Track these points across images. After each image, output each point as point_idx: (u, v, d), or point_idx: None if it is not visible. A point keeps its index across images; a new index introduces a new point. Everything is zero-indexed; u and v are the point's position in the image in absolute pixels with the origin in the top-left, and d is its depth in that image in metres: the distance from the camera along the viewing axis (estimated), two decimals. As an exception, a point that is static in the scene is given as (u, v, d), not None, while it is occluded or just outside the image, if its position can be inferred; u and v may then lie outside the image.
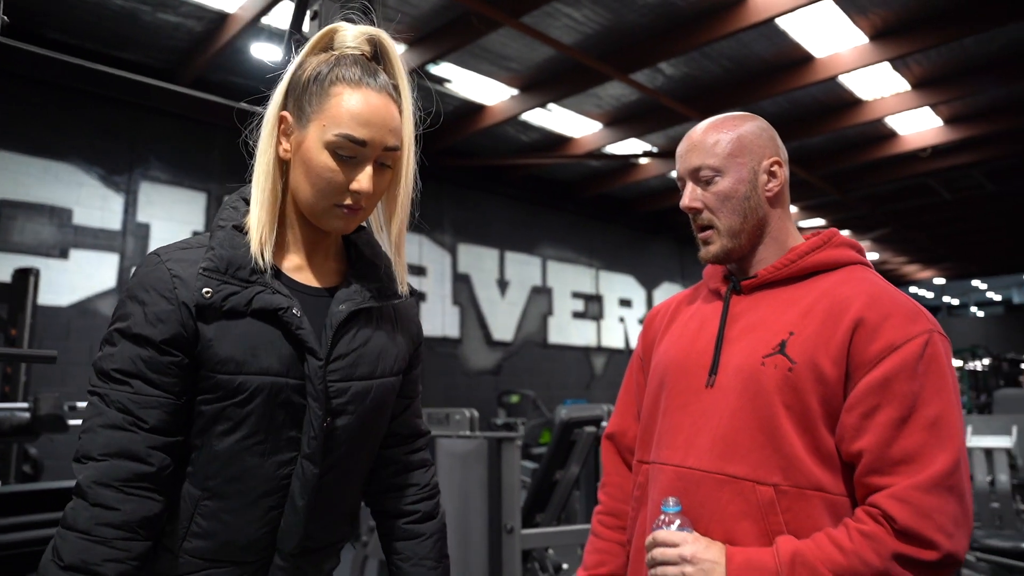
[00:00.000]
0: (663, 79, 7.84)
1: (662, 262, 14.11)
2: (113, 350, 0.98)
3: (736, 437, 1.13)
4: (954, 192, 12.16)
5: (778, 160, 1.25)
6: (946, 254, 17.63)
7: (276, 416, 1.02)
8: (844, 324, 1.10)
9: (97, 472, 0.93)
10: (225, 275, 1.00)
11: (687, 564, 1.06)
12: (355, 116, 1.01)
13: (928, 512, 1.00)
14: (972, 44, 7.20)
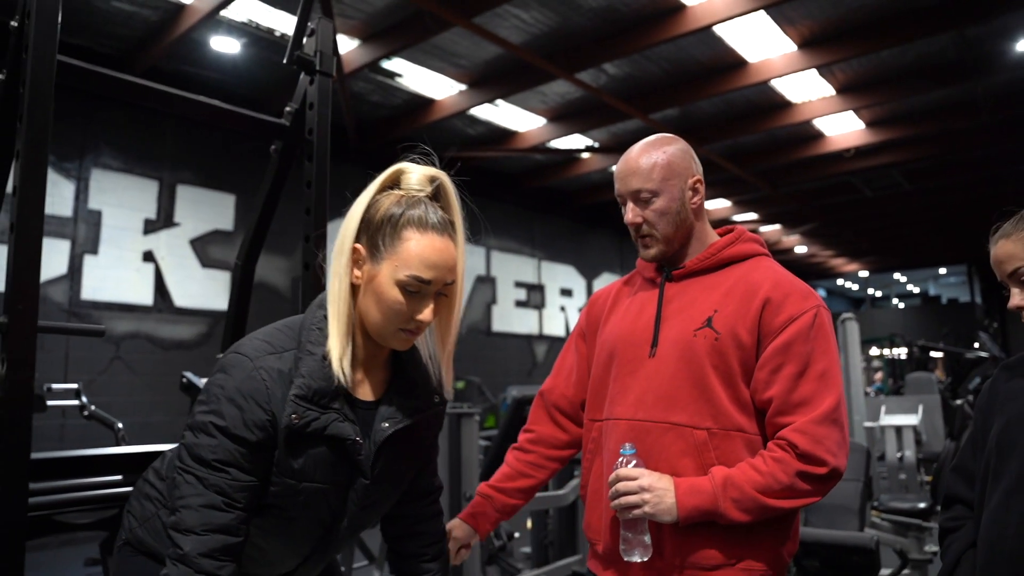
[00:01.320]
0: (606, 78, 8.19)
1: (602, 253, 14.44)
2: (213, 442, 1.12)
3: (676, 393, 1.44)
4: (875, 190, 12.87)
5: (699, 179, 1.56)
6: (869, 248, 18.51)
7: (319, 511, 1.23)
8: (756, 302, 1.44)
9: (200, 545, 1.09)
10: (311, 402, 1.15)
11: (645, 492, 1.36)
12: (423, 260, 1.16)
13: (820, 439, 1.34)
14: (888, 56, 7.78)
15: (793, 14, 6.77)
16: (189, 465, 1.13)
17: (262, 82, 7.63)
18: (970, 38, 7.36)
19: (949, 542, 1.42)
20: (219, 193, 7.82)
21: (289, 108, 2.02)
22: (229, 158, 7.90)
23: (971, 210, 15.02)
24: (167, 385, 7.10)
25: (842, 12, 6.79)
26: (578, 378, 1.72)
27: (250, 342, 1.20)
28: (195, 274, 7.52)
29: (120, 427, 3.38)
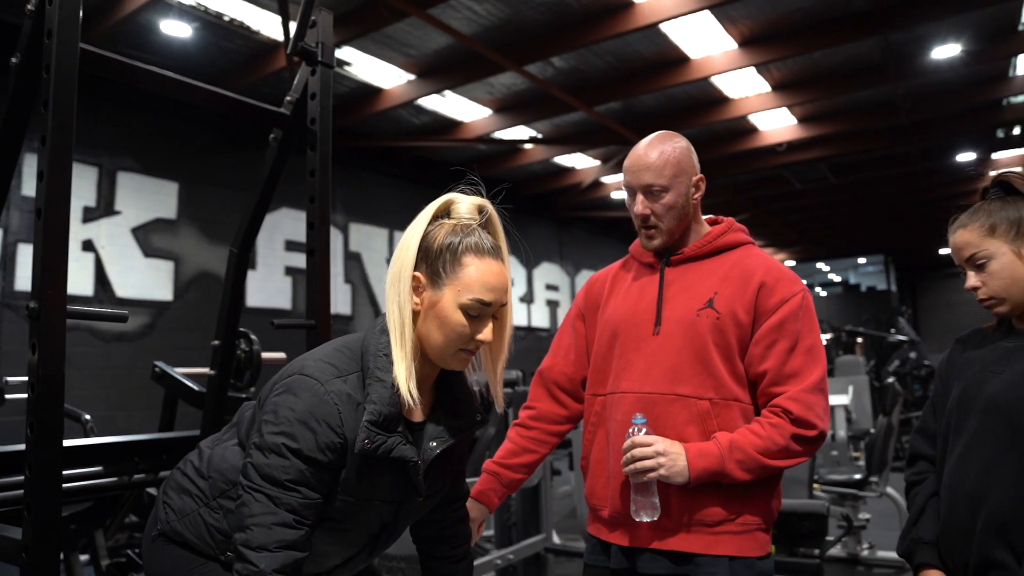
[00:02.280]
0: (553, 71, 8.32)
1: (542, 243, 14.56)
2: (285, 463, 1.17)
3: (681, 368, 1.59)
4: (804, 183, 13.42)
5: (701, 177, 1.71)
6: (796, 239, 19.25)
7: (369, 522, 1.31)
8: (752, 286, 1.60)
9: (273, 561, 1.15)
10: (380, 427, 1.21)
11: (660, 456, 1.50)
12: (484, 284, 1.25)
13: (811, 405, 1.52)
14: (821, 56, 8.16)
15: (735, 14, 7.04)
16: (259, 484, 1.18)
17: (213, 69, 7.47)
18: (893, 43, 7.79)
19: (915, 493, 1.61)
20: (162, 181, 7.62)
21: (289, 97, 2.08)
22: (173, 145, 7.70)
23: (889, 204, 15.86)
24: (109, 379, 6.92)
25: (780, 13, 7.10)
26: (576, 356, 1.83)
27: (315, 364, 1.25)
28: (137, 264, 7.32)
29: (88, 419, 3.34)
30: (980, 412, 1.44)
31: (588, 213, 14.84)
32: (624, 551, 1.63)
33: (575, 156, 11.65)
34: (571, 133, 10.45)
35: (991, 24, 7.62)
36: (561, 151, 10.94)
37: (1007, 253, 1.45)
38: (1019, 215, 1.46)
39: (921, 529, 1.53)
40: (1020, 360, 1.43)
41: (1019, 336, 1.48)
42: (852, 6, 7.02)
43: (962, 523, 1.43)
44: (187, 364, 3.70)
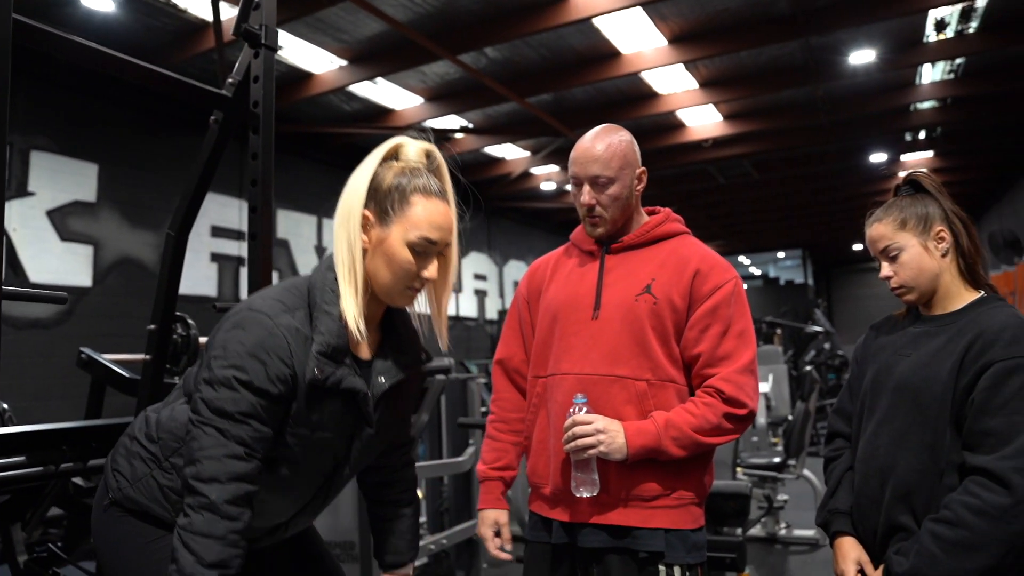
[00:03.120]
0: (487, 61, 8.35)
1: (471, 233, 14.56)
2: (235, 395, 1.19)
3: (620, 350, 1.66)
4: (728, 179, 13.84)
5: (644, 170, 1.79)
6: (719, 232, 19.80)
7: (326, 457, 1.35)
8: (687, 272, 1.69)
9: (226, 493, 1.17)
10: (330, 359, 1.25)
11: (600, 433, 1.57)
12: (431, 222, 1.30)
13: (741, 386, 1.62)
14: (746, 56, 8.45)
15: (666, 11, 7.21)
16: (209, 418, 1.20)
17: (138, 46, 7.16)
18: (814, 46, 8.13)
19: (832, 468, 1.73)
20: (80, 162, 7.28)
21: (231, 80, 2.05)
22: (92, 125, 7.36)
23: (807, 200, 16.52)
24: (22, 368, 6.60)
25: (709, 13, 7.32)
26: (528, 343, 1.89)
27: (263, 301, 1.28)
28: (53, 248, 6.99)
29: (6, 407, 3.20)
30: (890, 392, 1.56)
31: (517, 204, 14.93)
32: (565, 526, 1.69)
33: (506, 147, 11.71)
34: (502, 123, 10.50)
35: (901, 34, 8.05)
36: (492, 141, 10.98)
37: (916, 246, 1.58)
38: (927, 211, 1.59)
39: (837, 501, 1.65)
40: (926, 344, 1.56)
41: (925, 322, 1.61)
42: (776, 9, 7.30)
43: (873, 493, 1.55)
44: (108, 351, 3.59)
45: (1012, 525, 1.33)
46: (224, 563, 1.16)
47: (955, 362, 1.47)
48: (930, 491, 1.46)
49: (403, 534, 1.61)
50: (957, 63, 9.07)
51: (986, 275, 1.61)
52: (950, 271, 1.58)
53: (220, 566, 1.16)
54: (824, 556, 4.68)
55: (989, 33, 7.92)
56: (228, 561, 1.17)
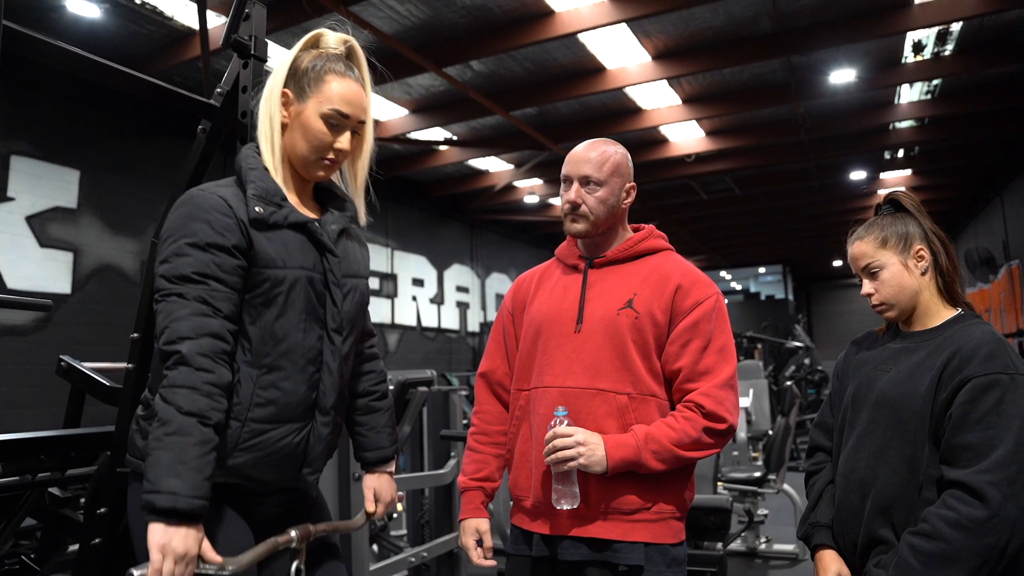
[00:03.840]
0: (472, 74, 8.39)
1: (453, 245, 14.50)
2: (189, 259, 1.27)
3: (601, 364, 1.67)
4: (710, 194, 13.94)
5: (633, 185, 1.82)
6: (700, 247, 19.92)
7: (310, 301, 1.40)
8: (669, 288, 1.70)
9: (195, 346, 1.23)
10: (266, 200, 1.37)
11: (580, 446, 1.57)
12: (342, 97, 1.43)
13: (721, 401, 1.63)
14: (728, 74, 8.56)
15: (650, 28, 7.30)
16: (169, 287, 1.27)
17: (123, 53, 7.12)
18: (795, 65, 8.26)
19: (813, 482, 1.75)
20: (61, 168, 7.19)
21: (220, 89, 2.05)
22: (74, 131, 7.28)
23: (788, 216, 16.69)
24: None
25: (692, 30, 7.41)
26: (512, 356, 1.89)
27: (193, 189, 1.40)
28: (32, 254, 6.89)
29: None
30: (871, 406, 1.59)
31: (500, 216, 14.96)
32: (545, 539, 1.70)
33: (489, 159, 11.74)
34: (486, 136, 10.54)
35: (880, 54, 8.20)
36: (476, 154, 11.01)
37: (896, 263, 1.61)
38: (907, 230, 1.62)
39: (818, 514, 1.67)
40: (905, 360, 1.59)
41: (905, 338, 1.64)
42: (759, 28, 7.41)
43: (853, 507, 1.57)
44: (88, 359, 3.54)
45: (987, 537, 1.35)
46: (202, 413, 1.21)
47: (933, 377, 1.49)
48: (909, 504, 1.48)
49: (382, 428, 1.66)
50: (934, 84, 9.25)
51: (963, 293, 1.64)
52: (929, 289, 1.61)
53: (198, 415, 1.20)
54: (805, 570, 4.71)
55: (964, 55, 8.10)
56: (205, 411, 1.21)
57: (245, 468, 1.35)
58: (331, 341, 1.43)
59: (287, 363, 1.38)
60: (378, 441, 1.66)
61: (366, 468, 1.67)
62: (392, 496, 1.67)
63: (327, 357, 1.43)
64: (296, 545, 1.40)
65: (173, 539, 1.16)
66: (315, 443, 1.43)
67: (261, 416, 1.35)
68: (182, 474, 1.17)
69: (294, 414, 1.39)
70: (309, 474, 1.44)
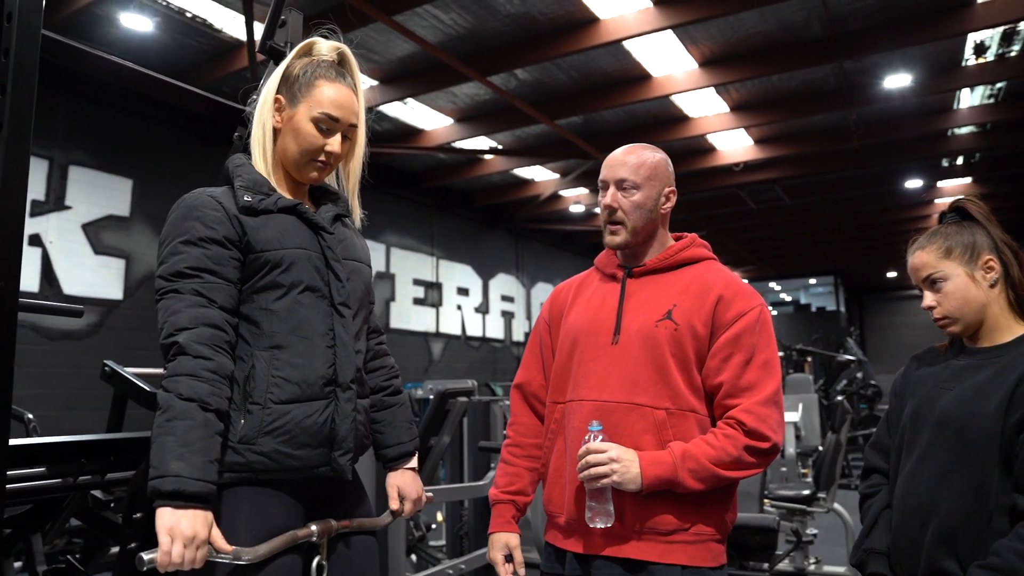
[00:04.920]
0: (517, 83, 8.38)
1: (498, 254, 14.55)
2: (182, 256, 1.31)
3: (639, 377, 1.60)
4: (758, 203, 13.70)
5: (673, 190, 1.75)
6: (748, 258, 19.63)
7: (312, 278, 1.41)
8: (710, 299, 1.62)
9: (193, 335, 1.26)
10: (254, 190, 1.41)
11: (614, 462, 1.50)
12: (332, 101, 1.46)
13: (764, 418, 1.54)
14: (777, 80, 8.38)
15: (697, 35, 7.19)
16: (166, 285, 1.31)
17: (173, 65, 7.31)
18: (847, 71, 8.05)
19: (868, 505, 1.64)
20: (115, 177, 7.41)
21: (255, 96, 2.04)
22: (127, 141, 7.50)
23: (840, 226, 16.30)
24: (55, 378, 6.69)
25: (740, 36, 7.28)
26: (549, 367, 1.83)
27: (186, 193, 1.44)
28: (87, 261, 7.10)
29: (31, 418, 3.22)
30: (932, 427, 1.48)
31: (546, 225, 14.93)
32: (579, 558, 1.63)
33: (535, 168, 11.72)
34: (532, 145, 10.52)
35: (938, 58, 7.93)
36: (521, 163, 11.00)
37: (961, 275, 1.51)
38: (973, 240, 1.52)
39: (873, 540, 1.57)
40: (970, 377, 1.48)
41: (970, 355, 1.53)
42: (809, 33, 7.24)
43: (912, 534, 1.47)
44: (137, 364, 3.60)
45: None
46: (202, 398, 1.23)
47: (1004, 397, 1.39)
48: (976, 535, 1.37)
49: (400, 424, 1.65)
50: (998, 87, 8.90)
51: None
52: (999, 302, 1.50)
53: (198, 400, 1.22)
54: (856, 593, 4.51)
55: (1031, 57, 7.78)
56: (205, 397, 1.23)
57: (272, 453, 1.33)
58: (340, 314, 1.44)
59: (298, 340, 1.38)
60: (397, 436, 1.63)
61: (388, 466, 1.65)
62: (418, 493, 1.63)
63: (338, 331, 1.43)
64: (317, 540, 1.38)
65: (181, 521, 1.16)
66: (341, 422, 1.41)
67: (281, 396, 1.34)
68: (185, 457, 1.18)
69: (314, 391, 1.38)
70: (341, 456, 1.41)
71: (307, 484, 1.41)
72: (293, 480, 1.39)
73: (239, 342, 1.36)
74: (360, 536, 1.53)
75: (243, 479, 1.33)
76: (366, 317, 1.57)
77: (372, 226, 12.43)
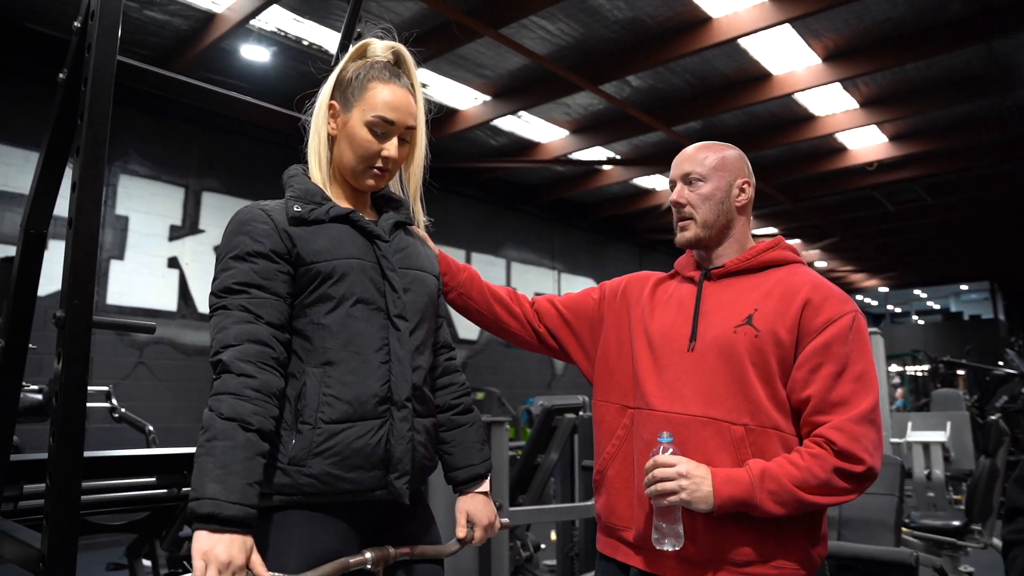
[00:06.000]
0: (630, 90, 8.20)
1: (621, 266, 14.40)
2: (232, 271, 1.28)
3: (715, 388, 1.45)
4: (897, 204, 12.78)
5: (748, 181, 1.61)
6: (889, 264, 18.41)
7: (366, 289, 1.34)
8: (796, 303, 1.45)
9: (238, 352, 1.22)
10: (305, 200, 1.37)
11: (683, 478, 1.36)
12: (386, 103, 1.39)
13: (858, 437, 1.35)
14: (913, 69, 7.74)
15: (818, 27, 6.76)
16: (216, 302, 1.28)
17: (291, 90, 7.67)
18: (997, 52, 7.31)
19: (1014, 556, 1.40)
20: (245, 201, 7.84)
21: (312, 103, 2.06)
22: (255, 167, 7.96)
23: (995, 226, 14.90)
24: (189, 391, 7.13)
25: (868, 25, 6.77)
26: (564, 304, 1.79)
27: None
28: (219, 281, 7.58)
29: (151, 430, 3.40)
30: None
31: (670, 236, 14.45)
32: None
33: (655, 177, 11.45)
34: (650, 154, 10.28)
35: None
36: (640, 172, 10.77)
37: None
38: None
39: None
40: None
41: None
42: (949, 13, 6.62)
43: None
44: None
45: None
46: (243, 417, 1.18)
47: None
48: None
49: (470, 444, 1.55)
50: None
51: None
52: None
53: (239, 420, 1.17)
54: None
55: None
56: (246, 416, 1.18)
57: (323, 476, 1.27)
58: (395, 327, 1.36)
59: (350, 355, 1.31)
60: (467, 458, 1.53)
61: (458, 490, 1.54)
62: (489, 519, 1.50)
63: (394, 346, 1.35)
64: (372, 567, 1.30)
65: (217, 546, 1.11)
66: (396, 442, 1.32)
67: (331, 416, 1.28)
68: (223, 479, 1.14)
69: (366, 410, 1.30)
70: (397, 479, 1.32)
71: (364, 509, 1.34)
72: (348, 504, 1.31)
73: (292, 358, 1.31)
74: (424, 565, 1.44)
75: (294, 502, 1.28)
76: (431, 330, 1.48)
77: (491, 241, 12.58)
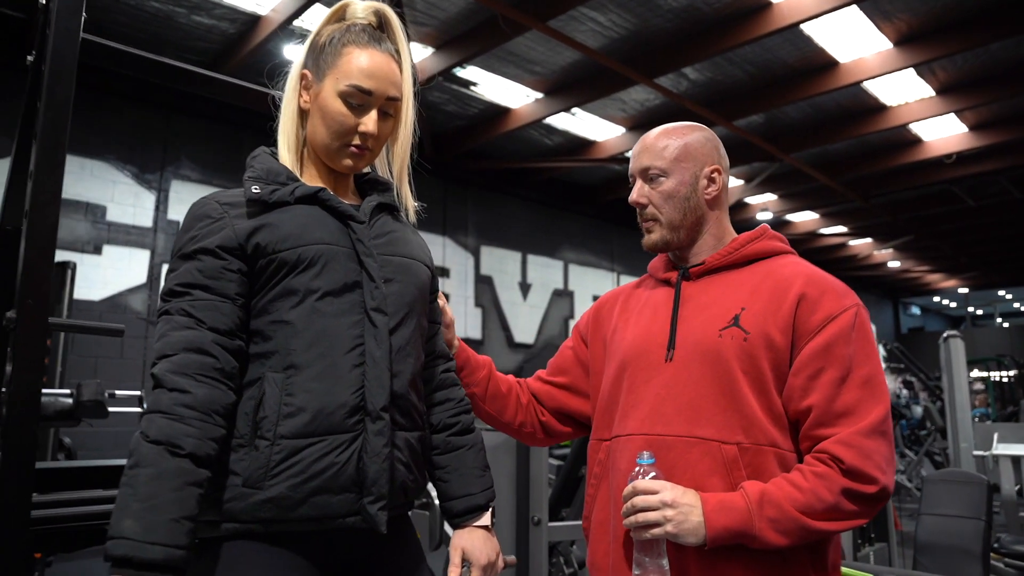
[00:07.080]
0: (687, 84, 7.90)
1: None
2: (179, 273, 1.13)
3: (701, 403, 1.25)
4: (979, 200, 12.11)
5: (718, 168, 1.40)
6: (970, 263, 17.54)
7: (336, 279, 1.15)
8: (789, 299, 1.25)
9: (172, 364, 1.06)
10: (267, 180, 1.18)
11: (668, 508, 1.16)
12: (362, 71, 1.20)
13: (868, 453, 1.15)
14: (998, 50, 7.20)
15: (889, 8, 6.34)
16: (161, 306, 1.14)
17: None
18: (1093, 29, 6.73)
19: None
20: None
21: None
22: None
23: (1088, 222, 13.95)
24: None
25: (944, 4, 6.31)
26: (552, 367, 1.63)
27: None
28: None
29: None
30: None
31: (732, 235, 14.09)
32: None
33: (716, 175, 11.06)
34: (710, 150, 9.91)
35: None
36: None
37: None
38: None
39: None
40: None
41: None
42: (1038, -11, 6.12)
43: None
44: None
45: None
46: (170, 440, 1.01)
47: None
48: None
49: (468, 470, 1.32)
50: None
51: None
52: None
53: (165, 443, 1.01)
54: None
55: None
56: (175, 438, 1.02)
57: (283, 500, 1.07)
58: (372, 323, 1.16)
59: (315, 358, 1.12)
60: (465, 486, 1.30)
61: (454, 523, 1.32)
62: (489, 558, 1.27)
63: (369, 346, 1.14)
64: None
65: None
66: (370, 461, 1.11)
67: (292, 429, 1.08)
68: (143, 516, 0.96)
69: (334, 422, 1.10)
70: (372, 503, 1.11)
71: (333, 541, 1.14)
72: (313, 535, 1.11)
73: (252, 364, 1.13)
74: None
75: (247, 531, 1.08)
76: (420, 328, 1.27)
77: (548, 243, 12.39)
